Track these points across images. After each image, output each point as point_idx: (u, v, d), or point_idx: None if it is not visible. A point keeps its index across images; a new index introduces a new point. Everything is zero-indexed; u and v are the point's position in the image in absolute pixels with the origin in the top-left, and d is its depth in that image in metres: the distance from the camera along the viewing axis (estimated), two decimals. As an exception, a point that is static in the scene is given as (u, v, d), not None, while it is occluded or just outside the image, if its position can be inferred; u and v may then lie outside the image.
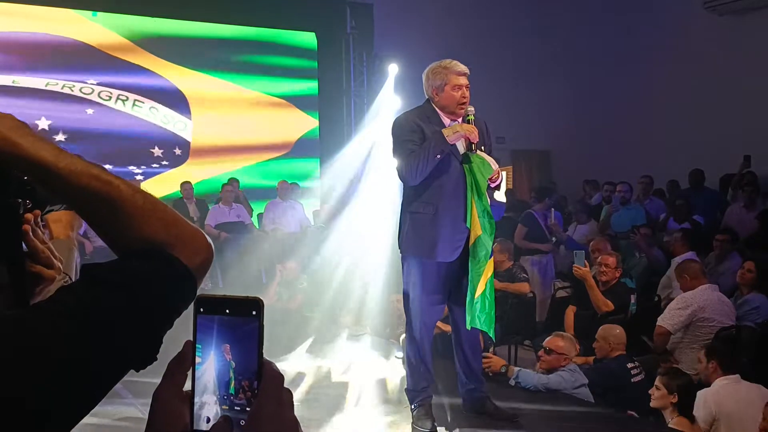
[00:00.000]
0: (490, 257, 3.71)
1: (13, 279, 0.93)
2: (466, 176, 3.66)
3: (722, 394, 3.73)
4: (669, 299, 5.49)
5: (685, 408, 3.68)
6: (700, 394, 3.78)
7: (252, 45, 10.68)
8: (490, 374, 4.48)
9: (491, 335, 3.87)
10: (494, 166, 3.70)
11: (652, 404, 3.82)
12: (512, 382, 4.37)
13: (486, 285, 3.68)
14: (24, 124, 0.87)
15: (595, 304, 5.26)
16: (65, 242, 1.49)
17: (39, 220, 1.24)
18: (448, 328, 4.37)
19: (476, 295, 3.65)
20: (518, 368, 4.48)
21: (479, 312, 3.67)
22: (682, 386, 3.71)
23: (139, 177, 9.58)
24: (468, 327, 3.73)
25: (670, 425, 3.70)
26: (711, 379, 3.84)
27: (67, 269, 1.41)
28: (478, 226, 3.62)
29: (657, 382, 3.78)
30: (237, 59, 10.50)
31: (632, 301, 5.76)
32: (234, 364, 0.70)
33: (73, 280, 1.42)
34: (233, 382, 0.70)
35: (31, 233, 0.99)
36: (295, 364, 5.32)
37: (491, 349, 5.10)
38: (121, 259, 0.86)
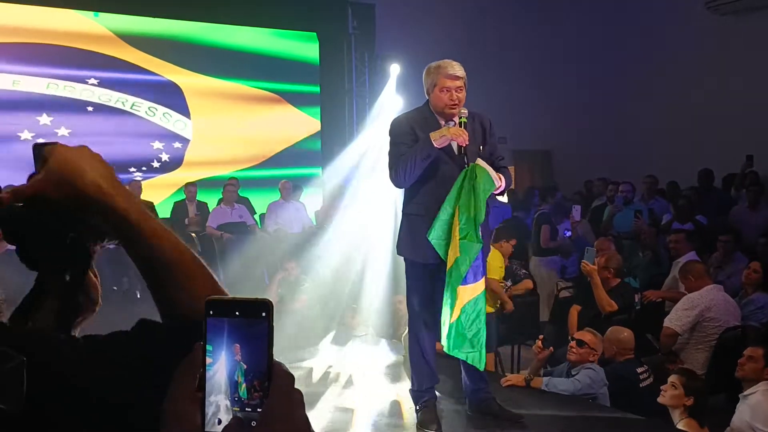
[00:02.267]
0: (465, 283, 3.53)
1: (63, 306, 0.98)
2: (453, 193, 3.53)
3: None
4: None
5: (695, 412, 3.65)
6: None
7: (253, 45, 10.68)
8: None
9: (479, 367, 3.66)
10: (497, 182, 3.60)
11: (660, 400, 3.75)
12: (544, 388, 4.35)
13: (461, 311, 3.53)
14: (111, 171, 0.88)
15: (600, 303, 5.25)
16: None
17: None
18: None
19: (452, 320, 3.53)
20: (546, 378, 4.39)
21: (455, 337, 3.54)
22: (699, 390, 3.68)
23: (138, 176, 9.60)
24: (447, 351, 3.63)
25: (678, 426, 3.67)
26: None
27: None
28: (458, 249, 3.49)
29: (674, 380, 3.71)
30: (238, 60, 10.49)
31: (636, 300, 5.77)
32: (245, 364, 0.70)
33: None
34: (244, 382, 0.70)
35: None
36: (296, 365, 5.31)
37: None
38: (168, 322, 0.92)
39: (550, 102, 11.87)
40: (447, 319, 3.58)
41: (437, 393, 3.98)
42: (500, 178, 3.65)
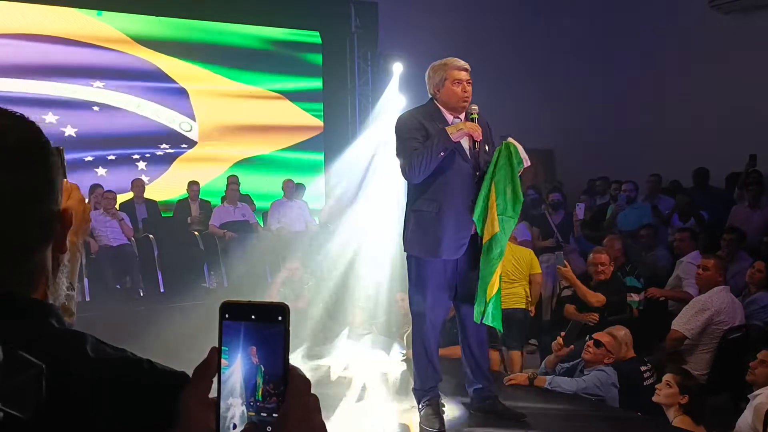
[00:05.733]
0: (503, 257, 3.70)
1: None
2: (490, 170, 3.63)
3: None
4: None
5: (690, 410, 3.66)
6: None
7: (256, 44, 10.68)
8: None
9: (500, 328, 3.86)
10: (526, 162, 3.71)
11: (655, 399, 3.77)
12: (548, 387, 4.35)
13: (498, 283, 3.70)
14: None
15: (584, 299, 5.23)
16: (70, 247, 1.48)
17: None
18: (455, 351, 4.33)
19: (490, 295, 3.65)
20: (549, 377, 4.40)
21: (493, 309, 3.67)
22: (694, 389, 3.70)
23: (141, 166, 9.65)
24: (476, 320, 3.73)
25: (673, 423, 3.68)
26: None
27: (71, 276, 1.42)
28: (497, 224, 3.60)
29: (669, 378, 3.73)
30: (241, 58, 10.50)
31: (638, 298, 5.76)
32: (262, 367, 0.70)
33: (75, 286, 1.42)
34: (261, 385, 0.70)
35: None
36: (300, 364, 5.29)
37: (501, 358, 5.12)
38: None
39: (553, 101, 11.84)
40: (485, 292, 3.66)
41: (440, 392, 3.97)
42: (527, 159, 3.74)
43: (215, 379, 0.72)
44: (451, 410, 4.06)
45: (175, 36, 10.08)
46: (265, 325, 0.70)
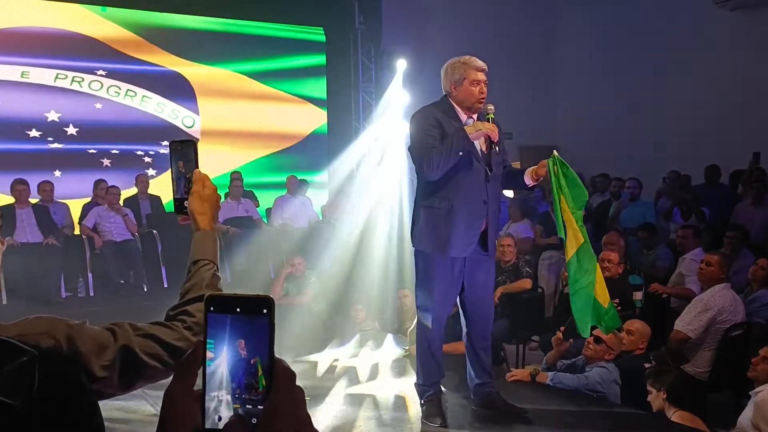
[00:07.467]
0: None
1: None
2: (556, 182, 3.71)
3: None
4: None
5: (678, 401, 3.68)
6: None
7: (260, 40, 10.68)
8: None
9: (619, 324, 3.95)
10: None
11: (654, 410, 3.82)
12: (549, 383, 4.36)
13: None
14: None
15: None
16: (211, 234, 1.65)
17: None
18: (458, 347, 4.34)
19: (606, 303, 3.72)
20: (551, 373, 4.41)
21: (608, 315, 3.75)
22: (669, 382, 3.73)
23: (148, 160, 9.67)
24: (586, 335, 3.85)
25: (672, 419, 3.69)
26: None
27: (214, 257, 1.63)
28: (580, 234, 3.65)
29: (648, 386, 3.80)
30: (245, 54, 10.50)
31: (639, 296, 5.75)
32: (249, 360, 0.70)
33: (218, 266, 1.63)
34: (250, 377, 0.70)
35: None
36: (302, 359, 5.33)
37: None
38: None
39: (557, 97, 11.85)
40: (592, 303, 3.73)
41: (442, 387, 3.98)
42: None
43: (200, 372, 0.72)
44: (454, 406, 4.08)
45: (178, 32, 10.09)
46: (250, 317, 0.70)
